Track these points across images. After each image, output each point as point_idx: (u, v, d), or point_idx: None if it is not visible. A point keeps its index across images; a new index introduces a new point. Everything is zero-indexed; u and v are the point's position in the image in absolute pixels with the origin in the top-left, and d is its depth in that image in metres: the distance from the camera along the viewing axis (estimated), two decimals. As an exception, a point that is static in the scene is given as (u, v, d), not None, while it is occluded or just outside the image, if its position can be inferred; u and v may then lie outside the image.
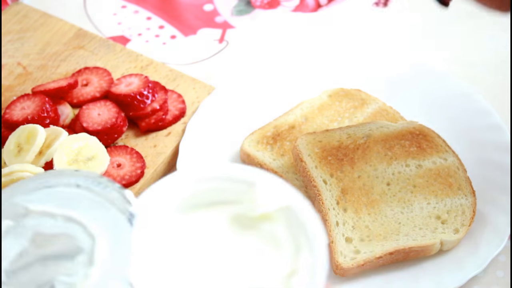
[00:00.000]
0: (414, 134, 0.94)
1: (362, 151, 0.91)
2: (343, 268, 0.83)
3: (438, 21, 1.15)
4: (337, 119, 1.00)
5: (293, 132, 0.98)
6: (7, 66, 1.07)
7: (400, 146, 0.92)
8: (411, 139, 0.93)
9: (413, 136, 0.93)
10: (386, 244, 0.85)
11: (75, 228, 0.62)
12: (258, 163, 0.95)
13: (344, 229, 0.85)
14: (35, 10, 1.14)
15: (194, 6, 1.19)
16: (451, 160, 0.92)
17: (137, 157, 0.95)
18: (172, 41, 1.15)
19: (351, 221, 0.86)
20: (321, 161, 0.90)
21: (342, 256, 0.84)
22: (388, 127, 0.94)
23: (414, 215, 0.87)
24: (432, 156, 0.92)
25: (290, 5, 1.19)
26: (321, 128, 0.98)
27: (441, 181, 0.90)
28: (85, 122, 0.96)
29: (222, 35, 1.15)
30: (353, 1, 1.19)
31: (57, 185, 0.65)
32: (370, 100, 1.01)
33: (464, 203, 0.88)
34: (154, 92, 0.99)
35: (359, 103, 1.00)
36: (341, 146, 0.92)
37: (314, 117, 1.00)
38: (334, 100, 1.01)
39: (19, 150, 0.91)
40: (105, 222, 0.63)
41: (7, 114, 0.97)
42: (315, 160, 0.90)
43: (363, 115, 0.99)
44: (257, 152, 0.96)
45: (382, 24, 1.16)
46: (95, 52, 1.08)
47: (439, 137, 0.94)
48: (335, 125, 0.99)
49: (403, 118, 0.98)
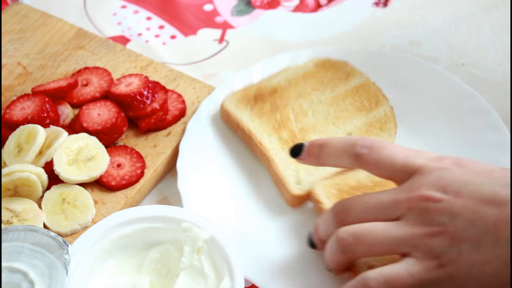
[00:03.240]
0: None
1: (381, 187, 0.88)
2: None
3: (438, 21, 1.15)
4: (319, 88, 1.01)
5: (274, 95, 1.00)
6: (7, 66, 1.07)
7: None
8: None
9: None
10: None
11: (19, 277, 0.75)
12: (236, 121, 0.97)
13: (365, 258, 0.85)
14: (35, 10, 1.14)
15: (194, 6, 1.19)
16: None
17: (137, 157, 0.95)
18: (172, 41, 1.15)
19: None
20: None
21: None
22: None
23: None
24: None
25: (290, 5, 1.19)
26: (303, 95, 1.00)
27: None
28: (85, 122, 0.96)
29: (222, 35, 1.15)
30: (353, 1, 1.19)
31: (4, 241, 0.78)
32: (355, 74, 1.02)
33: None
34: (154, 92, 0.99)
35: (343, 75, 1.01)
36: (359, 186, 0.90)
37: (297, 83, 1.01)
38: (320, 69, 1.03)
39: (19, 150, 0.91)
40: (43, 269, 0.76)
41: (7, 114, 0.97)
42: (333, 201, 0.86)
43: (345, 88, 1.00)
44: (236, 111, 0.98)
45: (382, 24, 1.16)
46: (95, 52, 1.08)
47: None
48: (317, 94, 1.00)
49: (384, 96, 1.00)
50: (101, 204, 0.92)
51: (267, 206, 0.92)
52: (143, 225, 0.83)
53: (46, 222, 0.89)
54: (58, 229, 0.88)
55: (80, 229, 0.89)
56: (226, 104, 0.99)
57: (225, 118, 0.99)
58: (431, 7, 1.18)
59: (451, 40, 1.13)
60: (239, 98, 0.99)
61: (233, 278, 0.77)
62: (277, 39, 1.14)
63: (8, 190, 0.89)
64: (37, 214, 0.88)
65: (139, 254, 0.83)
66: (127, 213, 0.83)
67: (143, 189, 0.94)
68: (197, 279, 0.80)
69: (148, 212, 0.83)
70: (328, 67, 1.03)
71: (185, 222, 0.82)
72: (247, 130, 0.96)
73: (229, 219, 0.90)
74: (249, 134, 0.96)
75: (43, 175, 0.90)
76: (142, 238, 0.83)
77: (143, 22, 1.17)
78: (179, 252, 0.82)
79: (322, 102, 0.99)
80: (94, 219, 0.90)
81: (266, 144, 0.95)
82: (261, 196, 0.93)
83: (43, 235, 0.78)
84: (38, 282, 0.75)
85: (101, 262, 0.82)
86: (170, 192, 0.96)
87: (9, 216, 0.87)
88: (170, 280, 0.81)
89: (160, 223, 0.83)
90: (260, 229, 0.90)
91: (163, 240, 0.83)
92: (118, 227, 0.82)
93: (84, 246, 0.80)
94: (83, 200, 0.90)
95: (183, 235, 0.81)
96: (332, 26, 1.16)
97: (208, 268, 0.80)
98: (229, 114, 0.98)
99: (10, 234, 0.78)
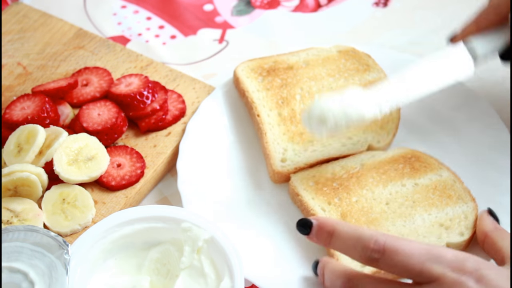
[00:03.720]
0: (406, 157, 0.93)
1: (357, 178, 0.91)
2: None
3: (438, 21, 1.15)
4: (335, 75, 1.00)
5: (289, 72, 1.00)
6: (7, 66, 1.07)
7: (394, 170, 0.92)
8: (403, 162, 0.93)
9: (405, 159, 0.93)
10: None
11: (19, 277, 0.76)
12: (243, 89, 0.98)
13: None
14: (35, 10, 1.14)
15: (194, 6, 1.19)
16: (447, 175, 0.91)
17: (137, 157, 0.95)
18: (172, 41, 1.15)
19: None
20: (317, 192, 0.90)
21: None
22: (380, 155, 0.94)
23: (416, 226, 0.87)
24: (427, 174, 0.91)
25: (290, 5, 1.19)
26: (316, 78, 0.99)
27: (440, 194, 0.89)
28: (85, 122, 0.96)
29: (222, 35, 1.15)
30: (353, 1, 1.19)
31: (4, 241, 0.78)
32: (374, 69, 1.01)
33: (466, 210, 0.88)
34: (154, 92, 0.99)
35: (363, 68, 1.01)
36: (335, 177, 0.91)
37: (315, 66, 1.01)
38: (341, 57, 1.02)
39: (19, 150, 0.91)
40: (43, 269, 0.76)
41: (7, 114, 0.97)
42: (311, 193, 0.90)
43: (361, 80, 1.00)
44: (246, 79, 0.99)
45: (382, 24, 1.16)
46: (95, 52, 1.08)
47: (431, 157, 0.93)
48: (330, 80, 1.00)
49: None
50: (101, 204, 0.92)
51: (268, 206, 0.92)
52: (143, 225, 0.83)
53: (46, 222, 0.89)
54: (58, 229, 0.88)
55: (80, 229, 0.89)
56: (239, 71, 1.00)
57: (236, 84, 1.01)
58: (431, 7, 1.18)
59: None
60: (253, 67, 1.00)
61: (233, 278, 0.77)
62: (277, 39, 1.14)
63: (8, 190, 0.89)
64: (37, 214, 0.88)
65: (139, 254, 0.83)
66: (127, 213, 0.83)
67: (143, 189, 0.94)
68: (197, 279, 0.80)
69: (148, 212, 0.83)
70: (350, 56, 1.02)
71: (185, 222, 0.82)
72: (250, 100, 0.97)
73: (229, 219, 0.90)
74: (251, 105, 0.97)
75: (43, 175, 0.90)
76: (142, 238, 0.83)
77: (143, 22, 1.17)
78: (179, 252, 0.82)
79: (332, 89, 0.99)
80: (94, 219, 0.90)
81: (264, 117, 0.96)
82: (262, 195, 0.93)
83: (43, 235, 0.78)
84: (38, 282, 0.75)
85: (101, 262, 0.82)
86: (170, 192, 0.96)
87: (9, 216, 0.87)
88: (170, 280, 0.81)
89: (160, 223, 0.83)
90: (260, 229, 0.90)
91: (163, 240, 0.83)
92: (118, 227, 0.82)
93: (84, 246, 0.80)
94: (83, 200, 0.90)
95: (183, 235, 0.81)
96: (332, 26, 1.16)
97: (208, 268, 0.80)
98: (239, 81, 0.99)
99: (10, 234, 0.78)
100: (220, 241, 0.80)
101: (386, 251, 0.73)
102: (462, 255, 0.72)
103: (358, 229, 0.75)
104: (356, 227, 0.75)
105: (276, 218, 0.91)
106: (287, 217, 0.91)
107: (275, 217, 0.91)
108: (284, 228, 0.90)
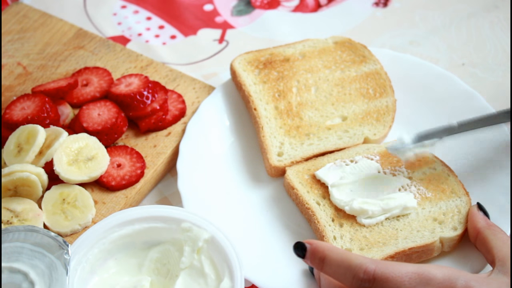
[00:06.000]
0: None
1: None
2: None
3: (438, 21, 1.15)
4: (331, 67, 1.01)
5: (285, 64, 1.00)
6: (7, 66, 1.07)
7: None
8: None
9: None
10: (386, 249, 0.85)
11: (19, 277, 0.76)
12: (240, 82, 0.99)
13: (342, 242, 0.85)
14: (35, 10, 1.14)
15: (194, 6, 1.19)
16: (441, 169, 0.91)
17: (137, 157, 0.95)
18: (172, 41, 1.15)
19: (348, 234, 0.86)
20: (313, 186, 0.90)
21: None
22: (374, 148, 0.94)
23: (410, 221, 0.87)
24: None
25: (290, 5, 1.19)
26: (312, 70, 0.99)
27: (433, 188, 0.90)
28: (85, 122, 0.96)
29: (222, 35, 1.15)
30: (353, 1, 1.19)
31: (4, 242, 0.78)
32: (370, 60, 1.01)
33: (460, 204, 0.88)
34: (154, 92, 0.99)
35: (359, 59, 1.01)
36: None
37: (311, 58, 1.01)
38: (338, 48, 1.03)
39: (19, 150, 0.91)
40: (43, 269, 0.76)
41: (7, 114, 0.97)
42: (306, 186, 0.90)
43: (357, 72, 1.00)
44: (243, 72, 1.00)
45: (382, 24, 1.16)
46: (95, 52, 1.08)
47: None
48: (327, 72, 1.00)
49: (392, 87, 0.99)
50: (101, 204, 0.92)
51: (268, 206, 0.92)
52: (143, 225, 0.83)
53: (46, 222, 0.89)
54: (58, 229, 0.88)
55: (80, 229, 0.89)
56: (235, 64, 1.00)
57: (233, 77, 1.01)
58: (431, 7, 1.18)
59: (451, 40, 1.13)
60: (250, 60, 1.01)
61: (233, 278, 0.77)
62: (277, 39, 1.14)
63: (8, 190, 0.89)
64: (37, 214, 0.88)
65: (139, 254, 0.84)
66: (127, 213, 0.83)
67: (143, 189, 0.94)
68: (197, 279, 0.80)
69: (148, 212, 0.83)
70: (346, 48, 1.03)
71: (185, 222, 0.82)
72: (247, 94, 0.98)
73: (229, 219, 0.90)
74: (248, 98, 0.98)
75: (43, 175, 0.90)
76: (142, 238, 0.83)
77: (143, 22, 1.17)
78: (179, 252, 0.82)
79: (329, 81, 0.99)
80: (94, 219, 0.90)
81: (261, 111, 0.96)
82: (262, 195, 0.93)
83: (43, 235, 0.78)
84: (38, 282, 0.75)
85: (101, 262, 0.82)
86: (170, 192, 0.96)
87: (9, 216, 0.87)
88: (170, 280, 0.81)
89: (160, 223, 0.83)
90: (261, 228, 0.90)
91: (163, 240, 0.83)
92: (118, 227, 0.82)
93: (84, 246, 0.80)
94: (83, 200, 0.90)
95: (183, 235, 0.81)
96: (332, 26, 1.16)
97: (208, 268, 0.80)
98: (236, 74, 1.00)
99: (11, 235, 0.78)
100: (220, 241, 0.80)
101: (376, 279, 0.73)
102: (452, 274, 0.73)
103: (348, 257, 0.75)
104: (346, 254, 0.75)
105: (276, 218, 0.91)
106: (287, 217, 0.91)
107: (275, 217, 0.91)
108: (284, 228, 0.90)
